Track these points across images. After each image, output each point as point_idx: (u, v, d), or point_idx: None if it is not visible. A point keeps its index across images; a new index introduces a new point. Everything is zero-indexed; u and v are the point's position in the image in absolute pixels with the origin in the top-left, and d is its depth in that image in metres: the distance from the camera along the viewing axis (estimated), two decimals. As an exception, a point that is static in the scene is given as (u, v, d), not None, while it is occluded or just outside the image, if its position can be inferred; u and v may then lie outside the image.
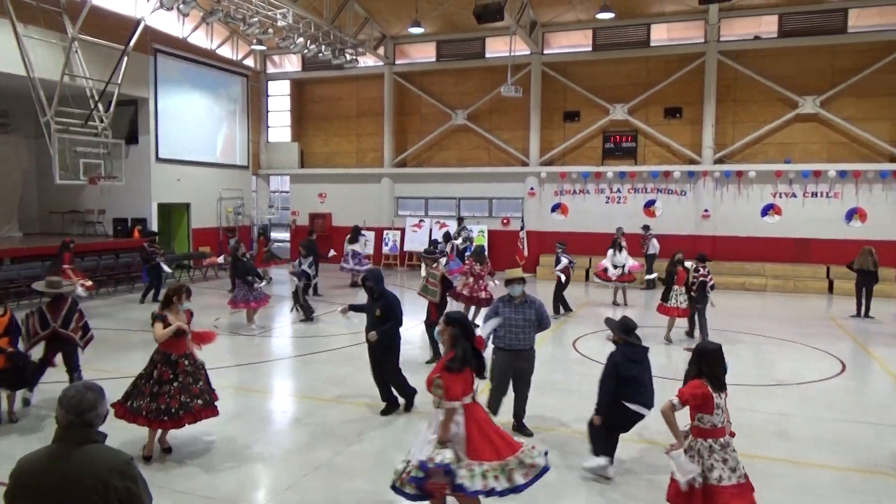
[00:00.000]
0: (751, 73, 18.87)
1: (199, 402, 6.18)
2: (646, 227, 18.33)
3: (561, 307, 13.81)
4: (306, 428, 7.13)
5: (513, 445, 4.63)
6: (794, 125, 18.90)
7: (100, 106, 16.35)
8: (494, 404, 6.72)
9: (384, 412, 7.48)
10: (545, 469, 4.62)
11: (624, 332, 5.83)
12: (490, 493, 4.44)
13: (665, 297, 11.43)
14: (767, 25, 18.80)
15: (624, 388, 5.64)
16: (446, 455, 4.39)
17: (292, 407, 8.04)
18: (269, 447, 6.58)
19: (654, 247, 17.85)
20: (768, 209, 18.95)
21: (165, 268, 15.51)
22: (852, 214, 18.24)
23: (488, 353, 5.52)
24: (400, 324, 7.49)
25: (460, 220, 20.35)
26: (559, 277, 13.80)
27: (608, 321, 6.09)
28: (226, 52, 22.52)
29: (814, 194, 18.55)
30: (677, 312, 11.20)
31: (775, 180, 18.75)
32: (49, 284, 7.55)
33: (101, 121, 16.47)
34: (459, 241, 18.45)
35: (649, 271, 17.49)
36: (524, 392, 6.87)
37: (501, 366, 6.71)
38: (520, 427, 6.86)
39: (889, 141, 17.94)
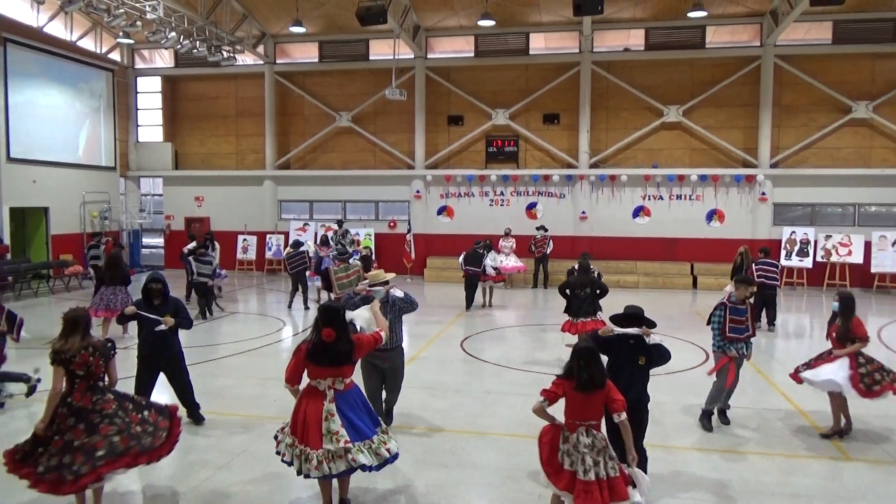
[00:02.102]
0: (621, 83, 20.01)
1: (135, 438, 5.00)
2: (544, 228, 18.88)
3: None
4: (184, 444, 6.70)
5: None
6: (660, 132, 20.23)
7: (-63, 99, 14.69)
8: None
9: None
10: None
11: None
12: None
13: (574, 313, 10.21)
14: (636, 38, 20.02)
15: None
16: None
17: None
18: (150, 470, 6.10)
19: (550, 246, 18.67)
20: (639, 211, 20.17)
21: None
22: (712, 215, 19.79)
23: None
24: (189, 322, 7.39)
25: (340, 223, 20.04)
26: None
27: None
28: (88, 44, 20.86)
29: (678, 197, 19.95)
30: (592, 326, 9.61)
31: (644, 184, 19.99)
32: None
33: (-60, 115, 14.80)
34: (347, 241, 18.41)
35: (545, 270, 18.54)
36: (394, 388, 7.21)
37: (365, 364, 6.93)
38: (387, 415, 7.21)
39: (742, 148, 19.63)
